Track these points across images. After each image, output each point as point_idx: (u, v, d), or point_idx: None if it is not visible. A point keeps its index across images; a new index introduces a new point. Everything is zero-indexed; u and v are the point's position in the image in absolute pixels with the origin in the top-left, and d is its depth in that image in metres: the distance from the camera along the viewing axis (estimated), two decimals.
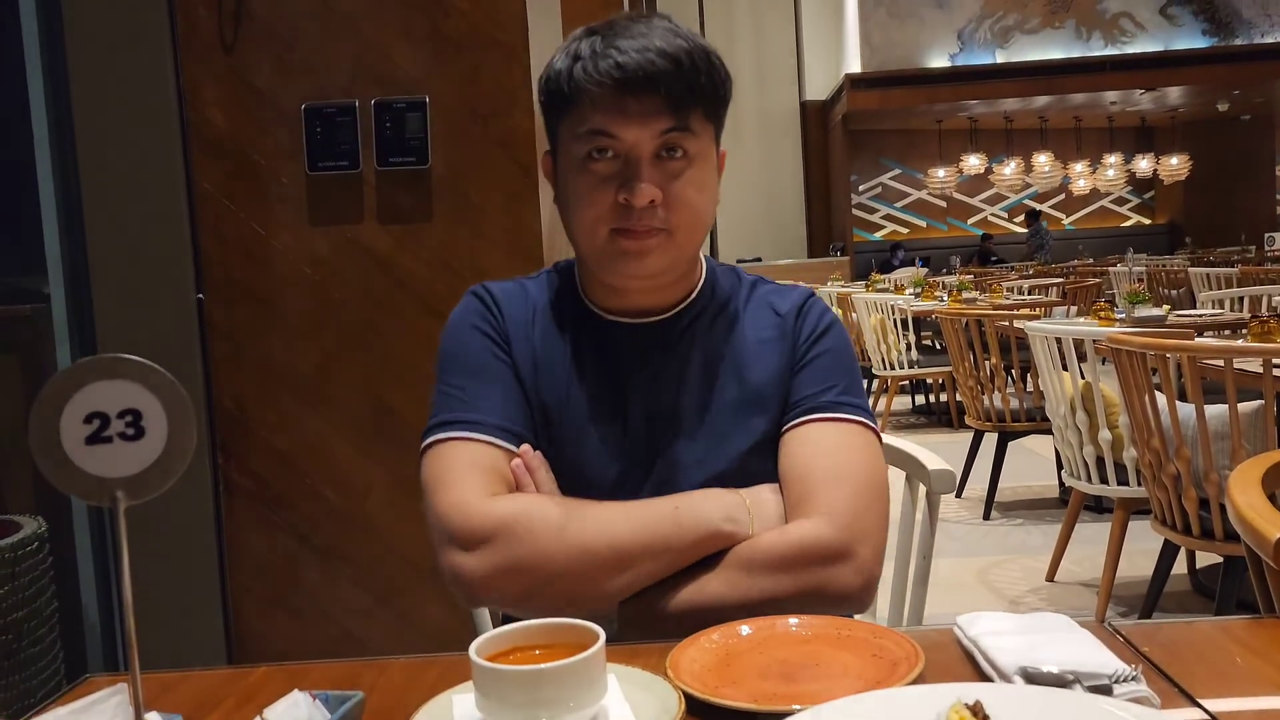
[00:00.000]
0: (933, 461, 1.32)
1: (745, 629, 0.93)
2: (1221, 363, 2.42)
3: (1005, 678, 0.82)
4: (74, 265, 2.12)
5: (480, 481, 1.05)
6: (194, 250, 2.10)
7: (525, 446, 1.09)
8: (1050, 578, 3.43)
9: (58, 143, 2.12)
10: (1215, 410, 2.42)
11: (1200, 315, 4.19)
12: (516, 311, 1.16)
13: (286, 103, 2.08)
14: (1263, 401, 2.42)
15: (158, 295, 2.10)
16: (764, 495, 1.08)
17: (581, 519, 1.02)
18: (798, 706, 0.76)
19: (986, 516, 4.22)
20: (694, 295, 1.16)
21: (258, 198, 2.10)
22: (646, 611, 1.02)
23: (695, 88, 1.05)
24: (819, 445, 1.09)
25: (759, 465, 1.11)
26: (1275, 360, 2.33)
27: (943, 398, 6.79)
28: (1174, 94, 13.78)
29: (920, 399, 7.44)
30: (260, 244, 2.10)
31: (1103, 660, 0.83)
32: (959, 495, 4.56)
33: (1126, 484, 2.97)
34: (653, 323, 1.14)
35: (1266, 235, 11.56)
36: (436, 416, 1.11)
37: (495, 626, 0.85)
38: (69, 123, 2.09)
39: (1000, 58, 13.20)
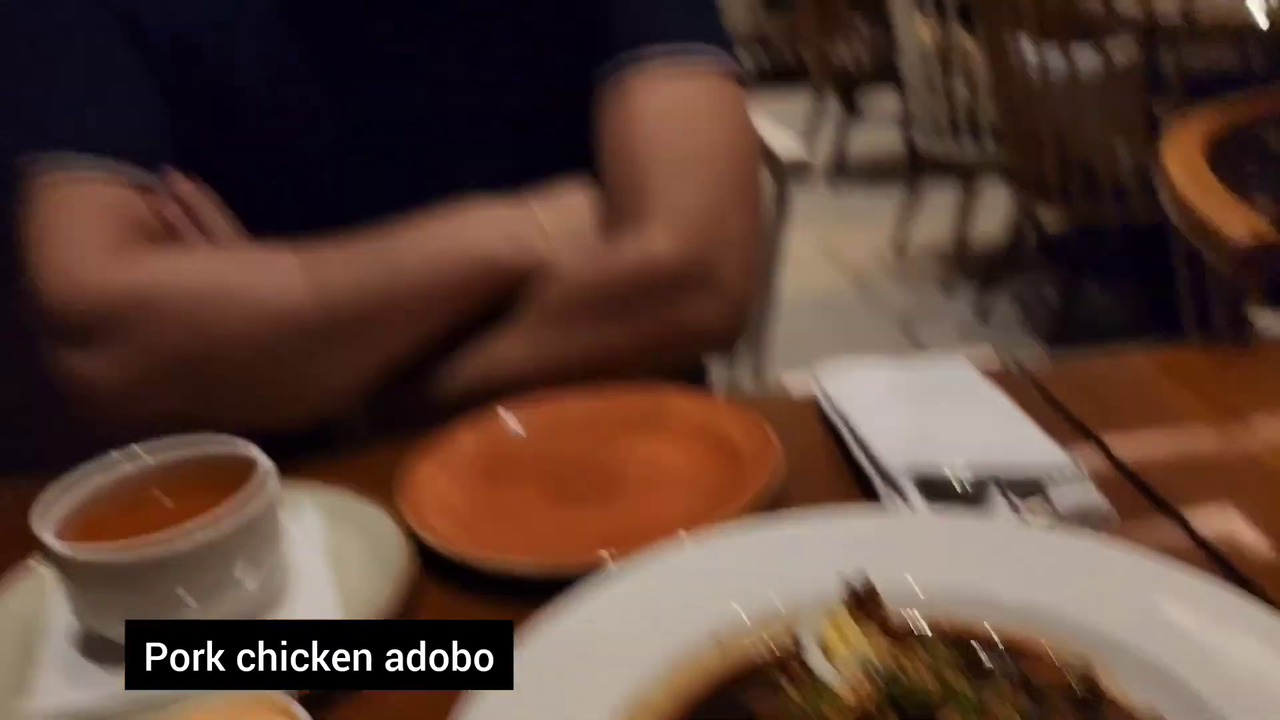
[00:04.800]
0: (786, 148, 0.98)
1: (518, 421, 0.64)
2: None
3: (894, 485, 0.55)
4: None
5: (109, 233, 0.67)
6: None
7: (174, 173, 0.70)
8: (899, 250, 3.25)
9: None
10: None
11: None
12: None
13: None
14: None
15: None
16: (566, 201, 0.73)
17: (266, 272, 0.66)
18: (605, 552, 0.51)
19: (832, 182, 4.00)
20: None
21: None
22: (409, 402, 0.70)
23: None
24: (651, 109, 0.72)
25: (557, 150, 0.76)
26: None
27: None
28: None
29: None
30: None
31: (1023, 441, 0.57)
32: None
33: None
34: None
35: None
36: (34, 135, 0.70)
37: None
38: None
39: None
